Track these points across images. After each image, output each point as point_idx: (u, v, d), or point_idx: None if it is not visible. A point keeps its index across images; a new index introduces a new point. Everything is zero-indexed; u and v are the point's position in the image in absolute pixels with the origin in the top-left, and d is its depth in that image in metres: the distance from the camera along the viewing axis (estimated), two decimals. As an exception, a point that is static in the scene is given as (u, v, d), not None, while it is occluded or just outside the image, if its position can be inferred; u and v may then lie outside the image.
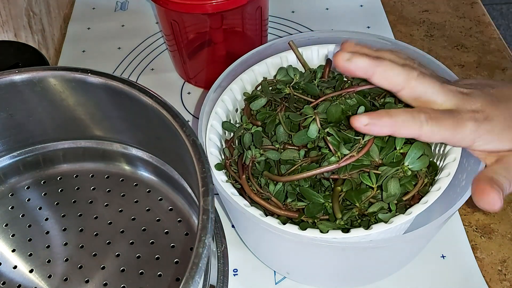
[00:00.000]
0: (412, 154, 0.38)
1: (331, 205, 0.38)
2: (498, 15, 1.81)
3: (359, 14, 0.73)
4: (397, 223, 0.36)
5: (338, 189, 0.38)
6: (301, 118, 0.41)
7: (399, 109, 0.36)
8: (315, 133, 0.40)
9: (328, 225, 0.37)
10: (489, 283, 0.46)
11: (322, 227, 0.36)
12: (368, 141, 0.38)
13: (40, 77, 0.45)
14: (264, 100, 0.45)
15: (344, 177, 0.38)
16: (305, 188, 0.39)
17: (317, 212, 0.38)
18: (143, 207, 0.51)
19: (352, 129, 0.40)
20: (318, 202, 0.38)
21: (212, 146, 0.42)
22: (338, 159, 0.38)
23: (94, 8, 0.77)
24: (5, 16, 0.60)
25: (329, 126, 0.40)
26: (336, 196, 0.38)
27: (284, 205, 0.39)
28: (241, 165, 0.41)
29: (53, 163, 0.54)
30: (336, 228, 0.36)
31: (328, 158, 0.38)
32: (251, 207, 0.38)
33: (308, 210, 0.38)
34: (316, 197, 0.38)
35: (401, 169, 0.38)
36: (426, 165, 0.39)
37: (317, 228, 0.36)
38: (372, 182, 0.38)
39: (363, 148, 0.38)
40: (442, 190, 0.37)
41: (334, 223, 0.37)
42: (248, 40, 0.64)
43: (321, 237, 0.35)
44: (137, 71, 0.67)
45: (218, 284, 0.45)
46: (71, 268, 0.47)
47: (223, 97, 0.45)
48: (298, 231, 0.36)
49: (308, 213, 0.38)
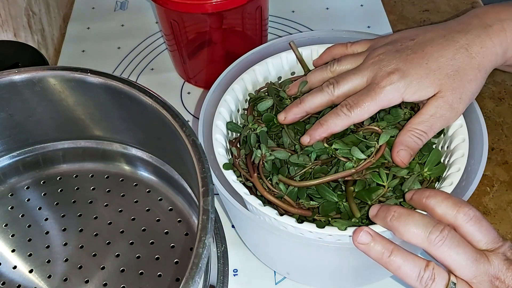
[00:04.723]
0: (432, 161, 0.40)
1: (345, 204, 0.38)
2: (498, 15, 1.80)
3: (359, 13, 0.73)
4: None
5: (351, 189, 0.39)
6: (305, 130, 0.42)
7: (329, 113, 0.41)
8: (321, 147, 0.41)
9: (344, 223, 0.37)
10: (489, 283, 0.46)
11: (338, 225, 0.36)
12: (382, 144, 0.39)
13: (40, 77, 0.45)
14: (271, 102, 0.45)
15: (358, 178, 0.39)
16: (322, 186, 0.39)
17: (331, 210, 0.39)
18: (143, 207, 0.51)
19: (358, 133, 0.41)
20: (333, 200, 0.39)
21: (219, 146, 0.42)
22: (355, 164, 0.39)
23: (94, 8, 0.77)
24: (5, 16, 0.60)
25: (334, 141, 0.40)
26: (351, 195, 0.38)
27: (297, 204, 0.40)
28: (251, 164, 0.41)
29: (53, 163, 0.54)
30: (352, 225, 0.37)
31: (343, 164, 0.39)
32: (266, 207, 0.38)
33: (323, 208, 0.39)
34: (331, 196, 0.39)
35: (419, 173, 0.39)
36: (443, 172, 0.40)
37: (332, 226, 0.37)
38: (383, 180, 0.38)
39: (378, 152, 0.39)
40: (454, 185, 0.38)
41: (349, 221, 0.37)
42: (248, 40, 0.64)
43: (338, 234, 0.36)
44: (137, 71, 0.67)
45: (218, 284, 0.45)
46: (71, 268, 0.47)
47: (226, 97, 0.45)
48: (315, 229, 0.36)
49: (323, 211, 0.39)
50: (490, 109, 0.60)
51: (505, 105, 0.60)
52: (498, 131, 0.58)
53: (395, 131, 0.40)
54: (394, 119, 0.42)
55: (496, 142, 0.57)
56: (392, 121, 0.41)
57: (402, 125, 0.41)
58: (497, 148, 0.56)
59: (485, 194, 0.52)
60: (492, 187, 0.53)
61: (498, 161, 0.55)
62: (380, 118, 0.42)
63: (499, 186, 0.53)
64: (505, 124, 0.58)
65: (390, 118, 0.42)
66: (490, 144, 0.56)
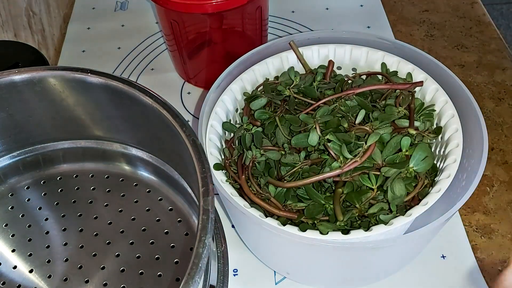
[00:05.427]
0: (417, 156, 0.38)
1: (332, 207, 0.38)
2: (498, 15, 1.81)
3: (359, 14, 0.73)
4: (396, 225, 0.36)
5: (339, 191, 0.38)
6: (301, 123, 0.42)
7: None
8: (316, 140, 0.40)
9: (328, 226, 0.37)
10: (489, 283, 0.46)
11: (322, 228, 0.36)
12: (371, 145, 0.38)
13: (40, 77, 0.45)
14: (264, 100, 0.44)
15: (346, 179, 0.39)
16: (309, 187, 0.39)
17: (317, 213, 0.38)
18: (143, 207, 0.51)
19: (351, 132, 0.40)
20: (319, 202, 0.38)
21: (212, 146, 0.42)
22: (341, 164, 0.38)
23: (94, 8, 0.77)
24: (5, 16, 0.60)
25: (329, 132, 0.40)
26: (337, 198, 0.38)
27: (284, 206, 0.39)
28: (241, 166, 0.41)
29: (53, 163, 0.54)
30: (336, 229, 0.36)
31: (330, 164, 0.38)
32: (251, 208, 0.38)
33: (308, 211, 0.38)
34: (318, 197, 0.38)
35: (406, 170, 0.38)
36: (430, 166, 0.39)
37: (317, 229, 0.36)
38: (372, 183, 0.38)
39: (365, 153, 0.38)
40: (442, 192, 0.37)
41: (334, 224, 0.37)
42: (248, 40, 0.64)
43: (320, 239, 0.35)
44: (137, 71, 0.67)
45: (218, 284, 0.45)
46: (71, 268, 0.47)
47: (223, 97, 0.45)
48: (297, 232, 0.36)
49: (308, 214, 0.38)
50: (490, 109, 0.60)
51: (505, 105, 0.60)
52: (498, 131, 0.58)
53: (388, 129, 0.40)
54: (388, 117, 0.41)
55: (496, 142, 0.57)
56: (386, 119, 0.41)
57: (396, 124, 0.41)
58: (497, 148, 0.56)
59: (485, 194, 0.52)
60: (492, 187, 0.53)
61: (498, 161, 0.55)
62: (374, 118, 0.42)
63: (499, 186, 0.53)
64: (505, 124, 0.58)
65: (384, 116, 0.41)
66: (490, 144, 0.56)
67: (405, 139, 0.39)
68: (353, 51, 0.48)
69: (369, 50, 0.48)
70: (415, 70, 0.46)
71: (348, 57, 0.49)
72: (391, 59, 0.47)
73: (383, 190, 0.38)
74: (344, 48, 0.48)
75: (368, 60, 0.48)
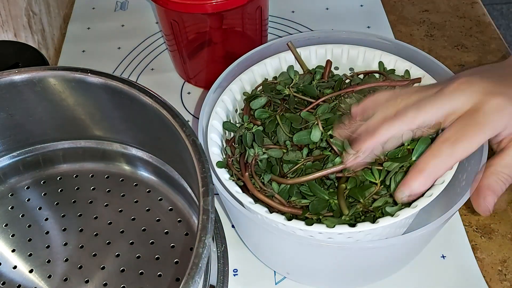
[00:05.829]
0: (419, 149, 0.38)
1: (336, 202, 0.38)
2: (498, 15, 1.81)
3: (359, 14, 0.73)
4: (403, 216, 0.36)
5: (342, 187, 0.38)
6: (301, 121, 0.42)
7: (426, 154, 0.36)
8: (319, 136, 0.40)
9: (333, 220, 0.37)
10: (489, 283, 0.46)
11: (327, 222, 0.36)
12: None
13: (40, 77, 0.45)
14: (264, 100, 0.45)
15: (348, 175, 0.39)
16: (312, 183, 0.39)
17: (321, 208, 0.38)
18: (143, 207, 0.51)
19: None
20: (323, 198, 0.38)
21: (214, 145, 0.42)
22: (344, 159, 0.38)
23: (94, 8, 0.77)
24: (5, 16, 0.60)
25: (331, 128, 0.40)
26: (341, 193, 0.38)
27: (288, 202, 0.40)
28: (244, 163, 0.41)
29: (53, 163, 0.54)
30: (341, 223, 0.36)
31: (333, 160, 0.39)
32: (256, 205, 0.38)
33: (313, 206, 0.38)
34: (322, 193, 0.38)
35: (409, 163, 0.38)
36: None
37: (322, 224, 0.36)
38: (375, 178, 0.38)
39: None
40: (446, 183, 0.37)
41: (339, 219, 0.37)
42: (248, 40, 0.64)
43: (327, 232, 0.35)
44: (137, 71, 0.67)
45: (218, 284, 0.45)
46: (71, 268, 0.47)
47: (223, 97, 0.45)
48: (304, 227, 0.36)
49: (313, 209, 0.38)
50: (490, 109, 0.60)
51: (505, 105, 0.60)
52: (498, 131, 0.58)
53: None
54: None
55: (496, 142, 0.57)
56: None
57: None
58: (497, 148, 0.56)
59: (485, 194, 0.52)
60: (492, 187, 0.53)
61: (498, 161, 0.55)
62: None
63: (499, 186, 0.53)
64: (505, 124, 0.58)
65: None
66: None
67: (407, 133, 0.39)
68: (350, 51, 0.48)
69: (366, 50, 0.48)
70: (413, 67, 0.46)
71: (346, 57, 0.49)
72: (388, 58, 0.47)
73: (386, 185, 0.38)
74: (341, 48, 0.48)
75: (365, 59, 0.48)
